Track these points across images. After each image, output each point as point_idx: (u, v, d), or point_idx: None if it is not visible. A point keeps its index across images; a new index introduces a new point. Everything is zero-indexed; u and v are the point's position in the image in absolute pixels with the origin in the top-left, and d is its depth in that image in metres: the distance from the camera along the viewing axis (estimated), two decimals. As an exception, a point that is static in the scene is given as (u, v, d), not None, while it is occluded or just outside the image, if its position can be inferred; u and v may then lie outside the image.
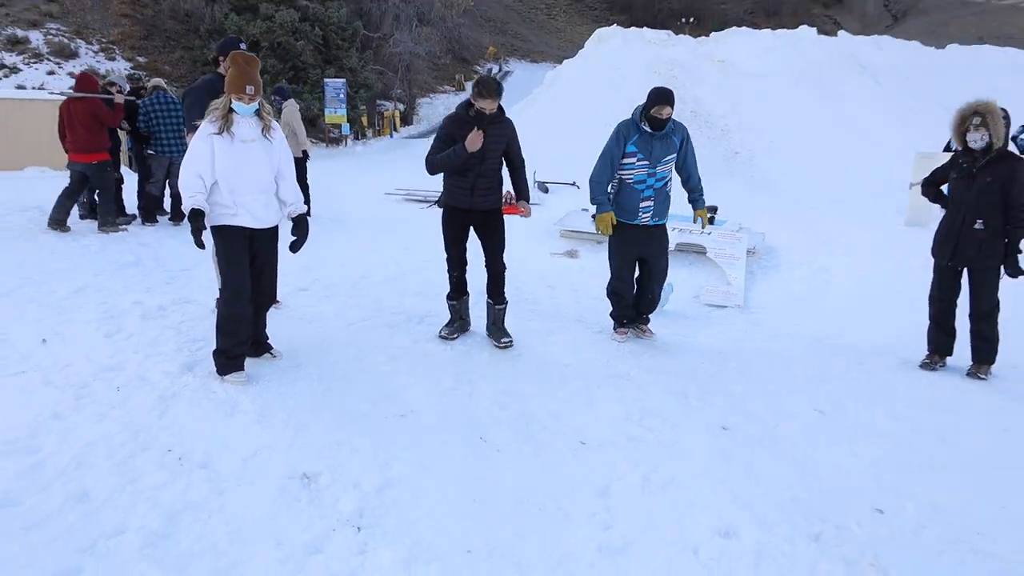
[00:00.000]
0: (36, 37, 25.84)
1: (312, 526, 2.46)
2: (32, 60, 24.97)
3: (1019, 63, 19.43)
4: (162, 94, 8.21)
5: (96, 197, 7.77)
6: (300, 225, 3.89)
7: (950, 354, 4.69)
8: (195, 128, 4.58)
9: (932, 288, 4.73)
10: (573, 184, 13.25)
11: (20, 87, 22.41)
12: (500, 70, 44.28)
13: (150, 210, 8.10)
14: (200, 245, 3.46)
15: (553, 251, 7.81)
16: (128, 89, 8.26)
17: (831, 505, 2.78)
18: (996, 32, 47.70)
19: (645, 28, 21.19)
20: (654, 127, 4.48)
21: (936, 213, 4.93)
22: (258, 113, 3.68)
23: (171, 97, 8.34)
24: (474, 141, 4.12)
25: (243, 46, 4.79)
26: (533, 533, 2.49)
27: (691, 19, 52.01)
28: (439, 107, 34.76)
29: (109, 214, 7.55)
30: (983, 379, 4.46)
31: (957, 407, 3.99)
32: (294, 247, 3.91)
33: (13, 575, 2.14)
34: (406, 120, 31.47)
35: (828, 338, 5.38)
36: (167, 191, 8.37)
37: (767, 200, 11.95)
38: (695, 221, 4.96)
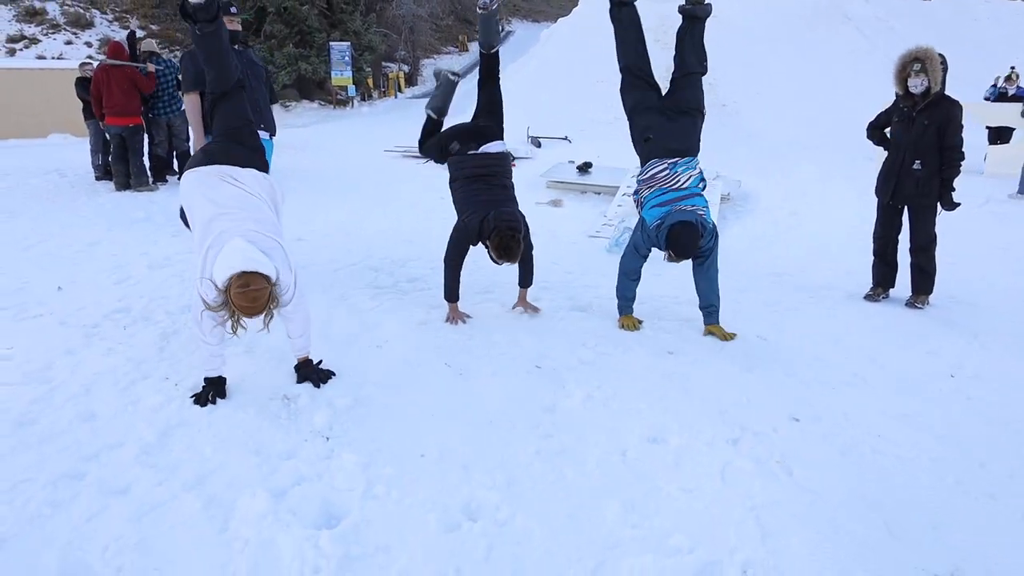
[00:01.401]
0: (52, 8, 25.57)
1: (288, 438, 2.67)
2: (50, 31, 24.78)
3: (1001, 14, 18.96)
4: (155, 58, 8.25)
5: (109, 160, 7.96)
6: (302, 370, 3.15)
7: (892, 286, 4.82)
8: (191, 91, 4.68)
9: (875, 226, 4.85)
10: (565, 139, 13.24)
11: (40, 57, 22.29)
12: (502, 29, 43.39)
13: (160, 170, 8.26)
14: (203, 404, 2.88)
15: (538, 200, 7.90)
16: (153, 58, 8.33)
17: (753, 415, 2.96)
18: (989, -19, 45.97)
19: (638, -15, 20.66)
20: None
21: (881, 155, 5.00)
22: None
23: (164, 60, 8.40)
24: (454, 318, 3.94)
25: (233, 9, 4.73)
26: (481, 441, 2.68)
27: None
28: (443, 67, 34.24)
29: (143, 174, 7.84)
30: (920, 308, 4.59)
31: (891, 332, 4.15)
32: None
33: (29, 478, 2.36)
34: (410, 81, 31.12)
35: (786, 274, 5.50)
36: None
37: (749, 150, 11.92)
38: (705, 335, 3.95)
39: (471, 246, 3.90)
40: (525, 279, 4.13)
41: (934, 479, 2.53)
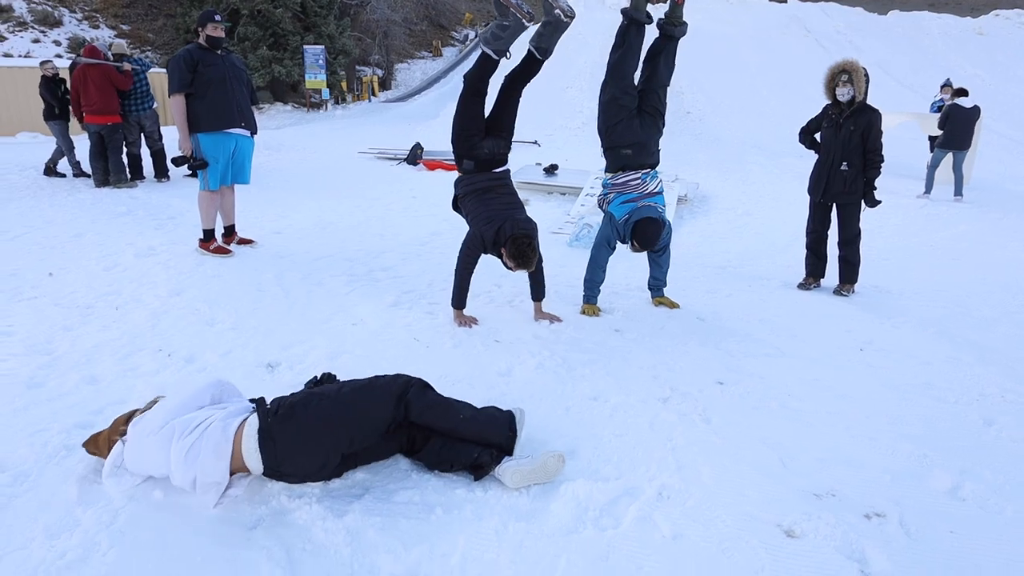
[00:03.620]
0: (19, 6, 25.35)
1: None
2: (17, 28, 24.56)
3: (952, 29, 19.92)
4: (126, 59, 8.48)
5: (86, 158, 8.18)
6: None
7: (823, 276, 5.34)
8: (176, 93, 4.99)
9: (808, 222, 5.38)
10: (534, 143, 13.71)
11: (7, 55, 22.13)
12: (476, 36, 43.91)
13: (136, 167, 8.50)
14: None
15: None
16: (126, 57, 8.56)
17: (682, 379, 3.42)
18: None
19: (608, -6, 21.33)
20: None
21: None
22: None
23: (135, 59, 8.66)
24: (464, 323, 4.02)
25: (218, 17, 5.16)
26: (444, 398, 3.08)
27: (660, -15, 51.52)
28: (416, 72, 34.56)
29: (121, 171, 8.07)
30: (846, 296, 5.11)
31: (815, 314, 4.65)
32: None
33: (45, 427, 2.70)
34: (384, 85, 31.39)
35: (731, 267, 6.00)
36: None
37: (711, 155, 12.51)
38: (656, 305, 4.59)
39: (483, 254, 3.97)
40: (538, 292, 4.18)
41: (827, 426, 3.00)
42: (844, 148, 5.01)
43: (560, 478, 2.49)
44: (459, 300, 4.05)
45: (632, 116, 4.22)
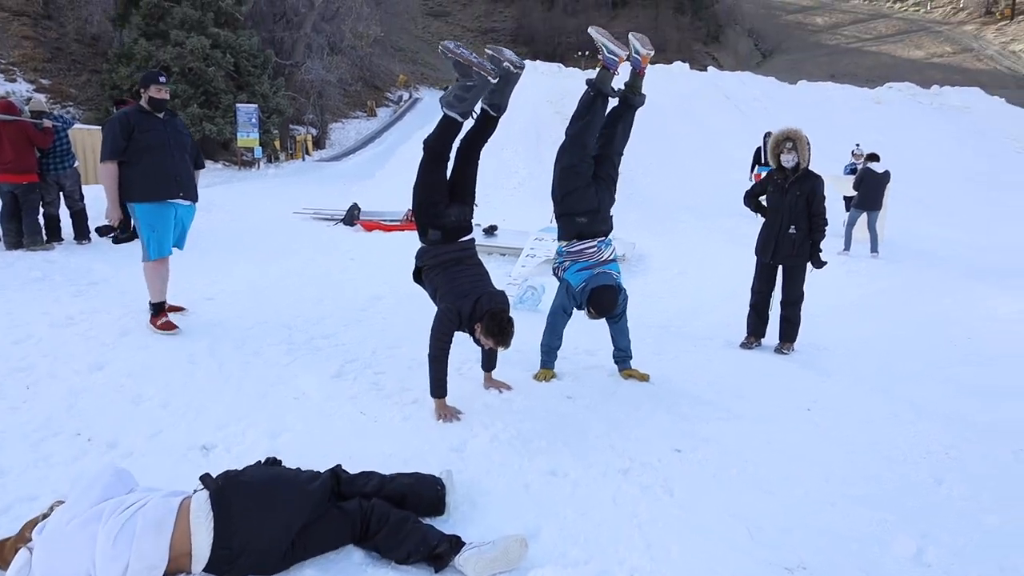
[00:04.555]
0: (-70, 59, 24.13)
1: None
2: (-74, 82, 23.29)
3: (853, 99, 21.58)
4: (45, 116, 8.05)
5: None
6: None
7: (763, 336, 5.45)
8: (108, 161, 4.61)
9: (753, 282, 5.50)
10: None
11: (-88, 109, 20.80)
12: (410, 97, 44.61)
13: (53, 229, 7.99)
14: None
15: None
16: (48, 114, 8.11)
17: (640, 448, 3.34)
18: (844, 70, 52.20)
19: (539, 60, 22.13)
20: None
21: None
22: None
23: (55, 116, 8.26)
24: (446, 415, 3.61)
25: (163, 78, 4.82)
26: (396, 478, 2.89)
27: (586, 52, 54.03)
28: (351, 131, 34.66)
29: (37, 232, 7.55)
30: (786, 353, 5.22)
31: (759, 373, 4.71)
32: None
33: (-65, 534, 2.35)
34: (319, 144, 31.27)
35: (673, 326, 6.07)
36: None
37: (642, 214, 12.84)
38: (625, 378, 4.38)
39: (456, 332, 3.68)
40: (491, 363, 4.07)
41: (786, 493, 2.97)
42: (791, 212, 5.18)
43: (527, 564, 2.34)
44: (440, 388, 3.58)
45: (589, 184, 4.23)
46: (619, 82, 4.41)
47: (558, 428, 3.53)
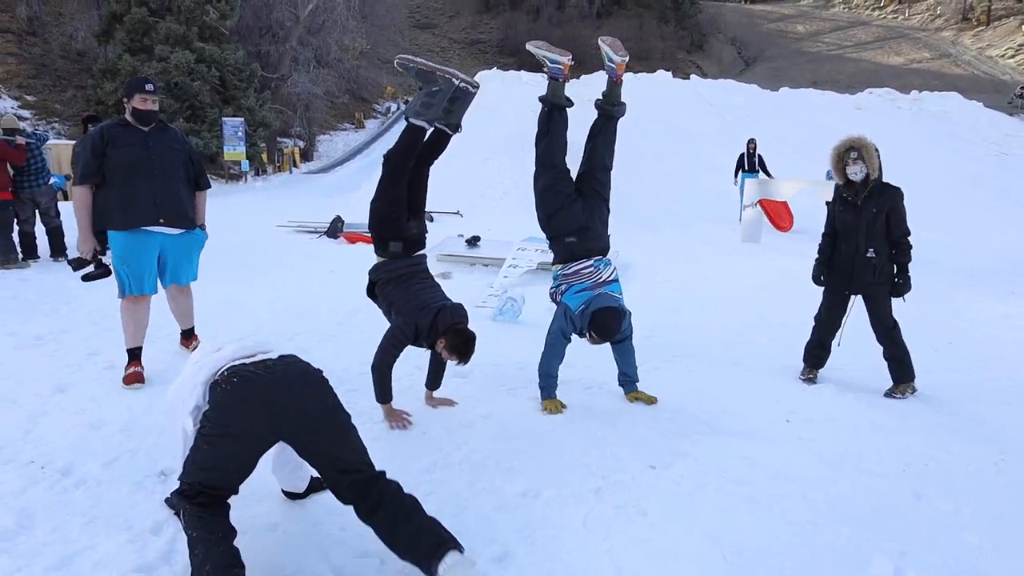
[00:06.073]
0: (-88, 76, 23.88)
1: (161, 511, 2.65)
2: (-92, 99, 23.04)
3: (834, 105, 21.67)
4: (17, 134, 7.90)
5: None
6: None
7: (822, 367, 4.85)
8: (80, 184, 4.12)
9: (821, 311, 4.77)
10: (456, 213, 13.69)
11: None
12: (398, 108, 44.57)
13: (29, 247, 7.84)
14: None
15: (429, 273, 8.12)
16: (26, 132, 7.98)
17: (614, 465, 3.23)
18: (825, 77, 52.66)
19: (523, 71, 22.11)
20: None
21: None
22: None
23: (30, 133, 8.12)
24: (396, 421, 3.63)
25: (149, 87, 4.28)
26: (361, 504, 2.76)
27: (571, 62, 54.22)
28: (338, 144, 34.56)
29: (11, 251, 7.43)
30: (904, 398, 4.43)
31: (742, 385, 4.59)
32: None
33: None
34: (306, 156, 31.17)
35: (655, 336, 5.95)
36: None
37: (625, 220, 12.73)
38: (631, 401, 4.18)
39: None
40: (435, 382, 3.97)
41: (765, 511, 2.86)
42: (868, 232, 4.43)
43: (492, 595, 2.22)
44: (385, 394, 3.59)
45: (573, 201, 4.01)
46: (597, 93, 4.30)
47: (533, 446, 3.41)
